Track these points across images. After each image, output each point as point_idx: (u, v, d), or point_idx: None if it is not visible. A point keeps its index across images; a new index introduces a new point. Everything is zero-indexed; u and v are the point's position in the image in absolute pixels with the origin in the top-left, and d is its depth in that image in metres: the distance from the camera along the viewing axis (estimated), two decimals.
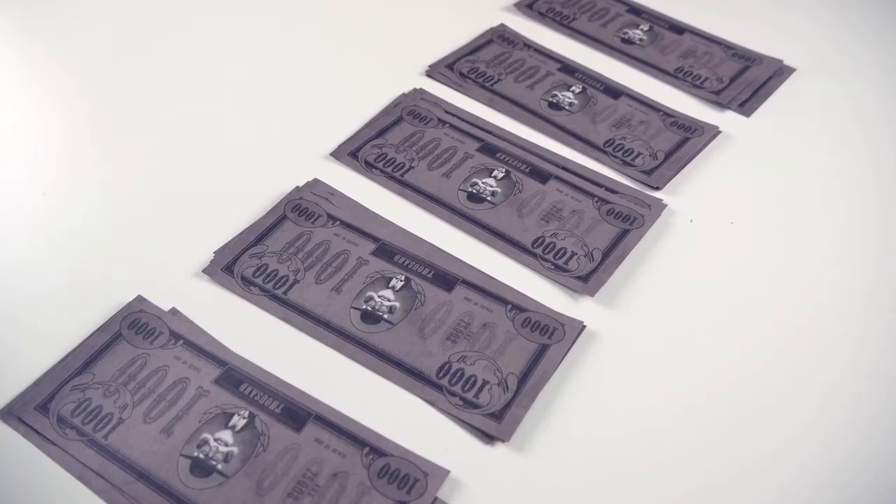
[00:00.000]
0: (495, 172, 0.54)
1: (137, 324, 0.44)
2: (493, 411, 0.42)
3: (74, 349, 0.43)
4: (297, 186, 0.52)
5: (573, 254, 0.50)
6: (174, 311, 0.45)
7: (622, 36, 0.67)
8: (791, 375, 0.45)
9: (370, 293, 0.46)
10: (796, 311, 0.48)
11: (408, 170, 0.54)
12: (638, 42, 0.66)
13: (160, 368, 0.42)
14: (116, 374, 0.42)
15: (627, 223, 0.52)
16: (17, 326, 0.45)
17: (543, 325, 0.46)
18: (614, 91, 0.61)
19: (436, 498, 0.39)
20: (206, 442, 0.39)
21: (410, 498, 0.38)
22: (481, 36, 0.65)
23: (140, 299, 0.46)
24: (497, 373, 0.43)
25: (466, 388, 0.42)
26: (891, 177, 0.57)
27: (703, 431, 0.42)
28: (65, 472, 0.39)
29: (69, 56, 0.62)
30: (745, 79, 0.63)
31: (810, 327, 0.47)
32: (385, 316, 0.45)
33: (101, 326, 0.44)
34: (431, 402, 0.42)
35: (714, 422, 0.43)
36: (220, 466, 0.38)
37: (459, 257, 0.49)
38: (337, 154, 0.55)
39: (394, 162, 0.55)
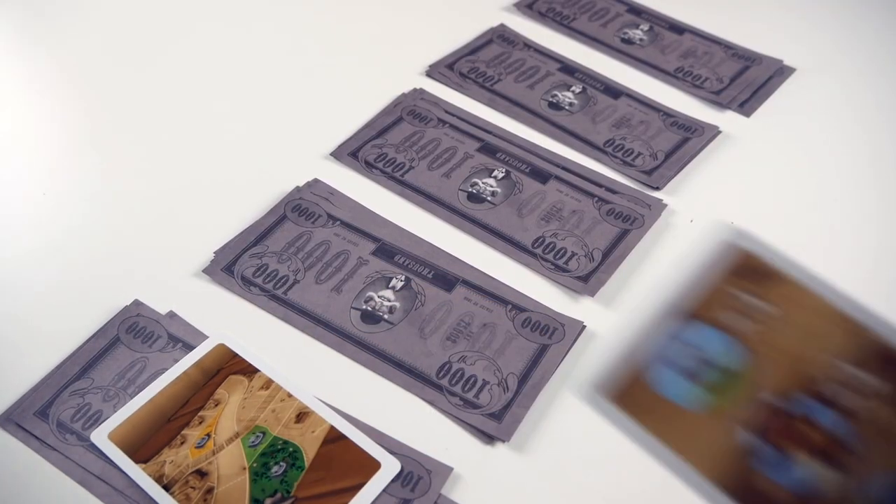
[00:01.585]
0: (495, 172, 0.54)
1: (135, 328, 0.44)
2: (494, 411, 0.42)
3: (72, 353, 0.43)
4: (298, 186, 0.52)
5: (573, 254, 0.50)
6: (171, 315, 0.45)
7: (622, 36, 0.67)
8: None
9: (370, 293, 0.46)
10: None
11: (408, 170, 0.54)
12: (638, 42, 0.66)
13: (158, 372, 0.43)
14: (115, 379, 0.42)
15: (627, 223, 0.52)
16: (14, 330, 0.45)
17: (543, 325, 0.46)
18: (614, 91, 0.61)
19: (440, 495, 0.39)
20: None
21: (415, 496, 0.38)
22: (481, 36, 0.65)
23: (137, 303, 0.46)
24: (497, 373, 0.43)
25: (466, 388, 0.42)
26: (891, 176, 0.57)
27: None
28: (66, 477, 0.39)
29: (69, 57, 0.62)
30: (745, 79, 0.63)
31: None
32: (385, 316, 0.45)
33: (98, 331, 0.44)
34: (431, 403, 0.42)
35: None
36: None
37: (459, 257, 0.49)
38: (337, 154, 0.55)
39: (394, 162, 0.55)
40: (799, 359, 0.25)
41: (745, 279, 0.26)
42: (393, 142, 0.56)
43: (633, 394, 0.26)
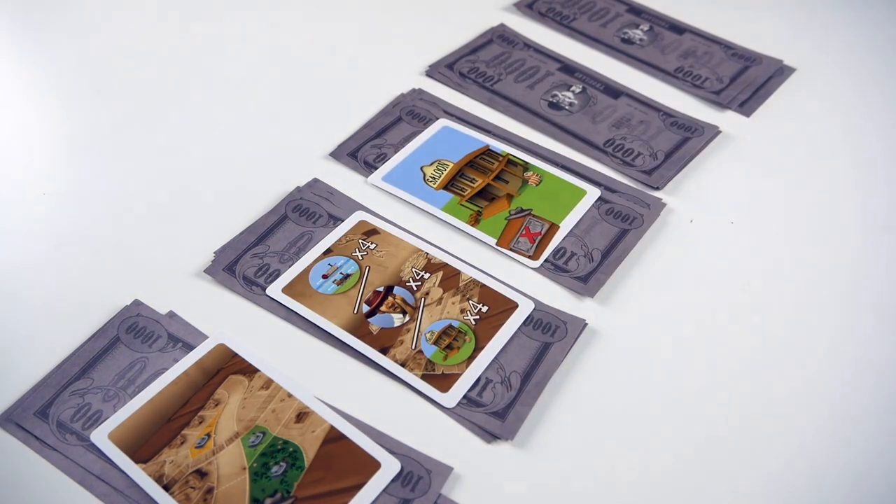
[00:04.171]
0: None
1: (135, 328, 0.44)
2: (497, 409, 0.42)
3: (73, 353, 0.43)
4: (298, 187, 0.52)
5: (573, 254, 0.50)
6: (171, 315, 0.45)
7: (622, 36, 0.67)
8: (791, 373, 0.45)
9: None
10: (796, 310, 0.48)
11: None
12: (638, 42, 0.66)
13: (158, 372, 0.43)
14: (115, 379, 0.42)
15: (627, 223, 0.52)
16: (15, 329, 0.45)
17: (546, 322, 0.46)
18: (614, 91, 0.61)
19: (440, 495, 0.39)
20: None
21: (415, 496, 0.38)
22: (481, 36, 0.65)
23: (137, 303, 0.45)
24: (500, 371, 0.43)
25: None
26: (891, 176, 0.57)
27: (703, 428, 0.42)
28: (66, 477, 0.39)
29: (69, 57, 0.62)
30: (745, 79, 0.63)
31: (810, 326, 0.47)
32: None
33: (98, 331, 0.44)
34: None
35: (713, 418, 0.43)
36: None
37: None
38: (336, 154, 0.55)
39: None
40: (389, 268, 0.48)
41: (361, 232, 0.48)
42: (392, 142, 0.56)
43: (299, 290, 0.47)
